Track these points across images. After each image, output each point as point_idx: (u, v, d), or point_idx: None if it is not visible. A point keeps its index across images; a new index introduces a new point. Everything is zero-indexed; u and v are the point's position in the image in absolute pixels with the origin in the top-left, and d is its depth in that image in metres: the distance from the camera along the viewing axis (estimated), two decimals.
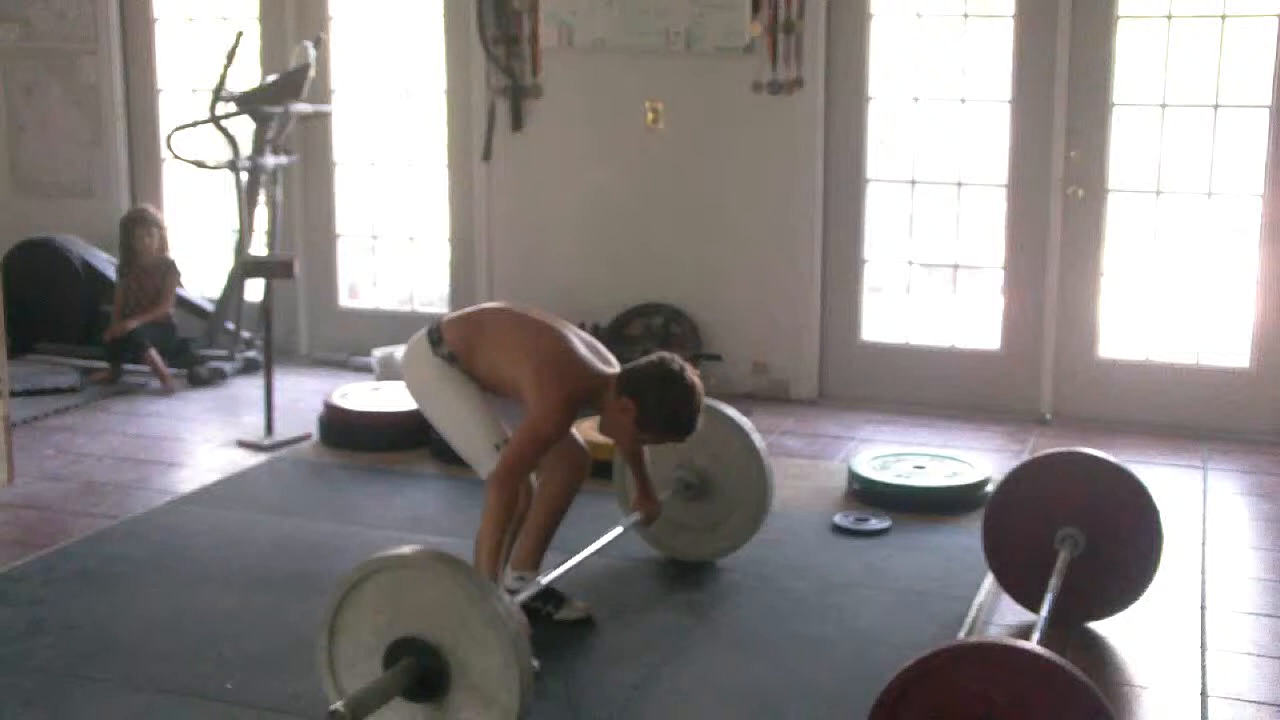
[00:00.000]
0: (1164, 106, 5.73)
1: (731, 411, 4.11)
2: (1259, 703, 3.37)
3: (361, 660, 2.90)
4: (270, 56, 6.85)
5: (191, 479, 5.10)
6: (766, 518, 4.13)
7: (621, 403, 3.47)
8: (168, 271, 6.68)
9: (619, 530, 3.85)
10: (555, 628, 3.71)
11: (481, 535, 3.43)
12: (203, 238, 7.37)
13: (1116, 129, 5.79)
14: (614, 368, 3.59)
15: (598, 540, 3.77)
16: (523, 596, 3.42)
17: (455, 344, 3.58)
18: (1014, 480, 3.82)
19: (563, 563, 3.64)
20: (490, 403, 3.61)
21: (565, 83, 6.34)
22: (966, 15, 5.96)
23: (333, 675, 2.93)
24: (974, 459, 5.02)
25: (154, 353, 6.46)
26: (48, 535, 4.45)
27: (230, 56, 6.30)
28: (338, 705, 2.71)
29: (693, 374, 3.51)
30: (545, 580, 3.55)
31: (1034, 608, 3.55)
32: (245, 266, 6.05)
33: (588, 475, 3.77)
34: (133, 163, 7.38)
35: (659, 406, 3.46)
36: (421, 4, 6.71)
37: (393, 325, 6.79)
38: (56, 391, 6.28)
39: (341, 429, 5.39)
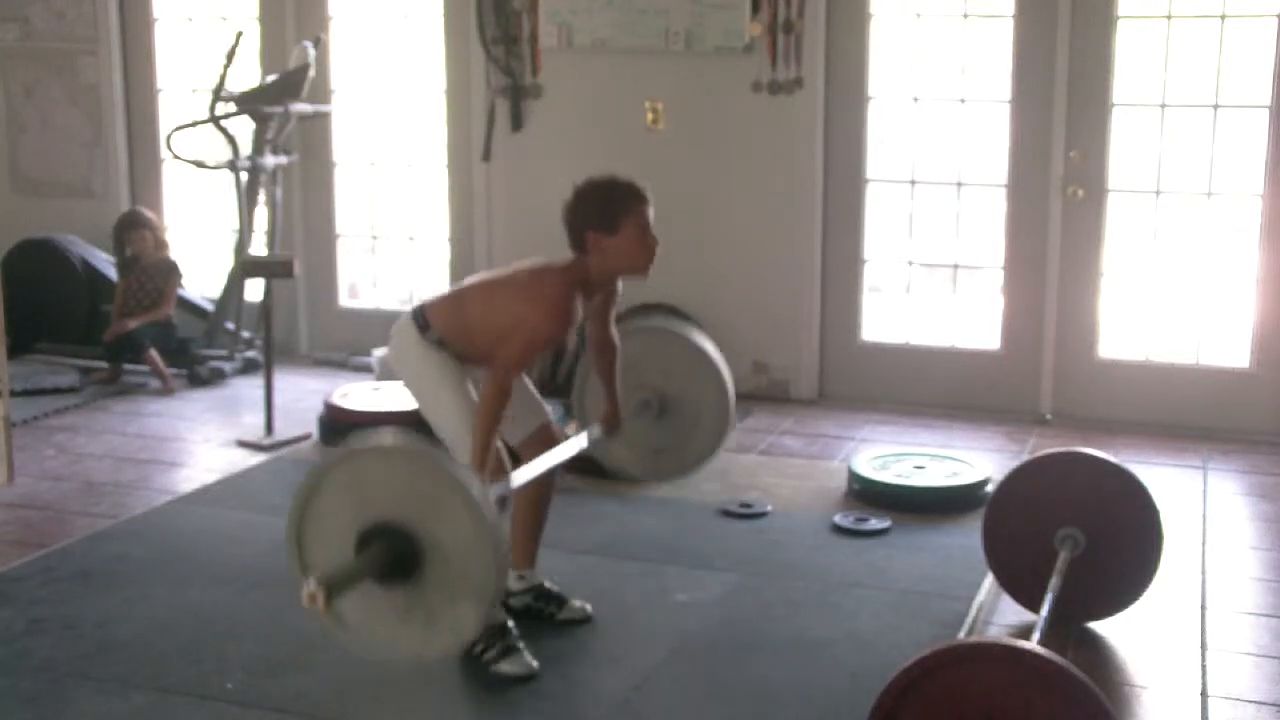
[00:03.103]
0: (1164, 106, 5.73)
1: (674, 324, 4.13)
2: (1259, 703, 3.38)
3: (334, 552, 2.85)
4: (270, 56, 6.85)
5: (191, 479, 5.10)
6: (733, 420, 3.99)
7: (591, 243, 3.42)
8: (170, 273, 6.68)
9: (583, 443, 3.75)
10: (555, 628, 3.71)
11: (474, 428, 3.37)
12: (203, 238, 7.37)
13: (1116, 129, 5.79)
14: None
15: (566, 451, 3.66)
16: (516, 595, 3.42)
17: (442, 325, 3.51)
18: (1014, 480, 3.82)
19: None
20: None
21: (565, 83, 6.34)
22: (966, 15, 5.96)
23: (304, 571, 2.86)
24: (974, 459, 5.02)
25: (154, 353, 6.46)
26: (48, 535, 4.45)
27: (230, 56, 6.30)
28: (310, 582, 2.70)
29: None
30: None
31: (1034, 608, 3.55)
32: (245, 266, 6.05)
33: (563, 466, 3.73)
34: (133, 163, 7.38)
35: (604, 202, 3.43)
36: (421, 4, 6.71)
37: (392, 325, 6.78)
38: (56, 391, 6.28)
39: (341, 429, 5.36)
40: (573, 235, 3.47)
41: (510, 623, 3.46)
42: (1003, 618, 3.87)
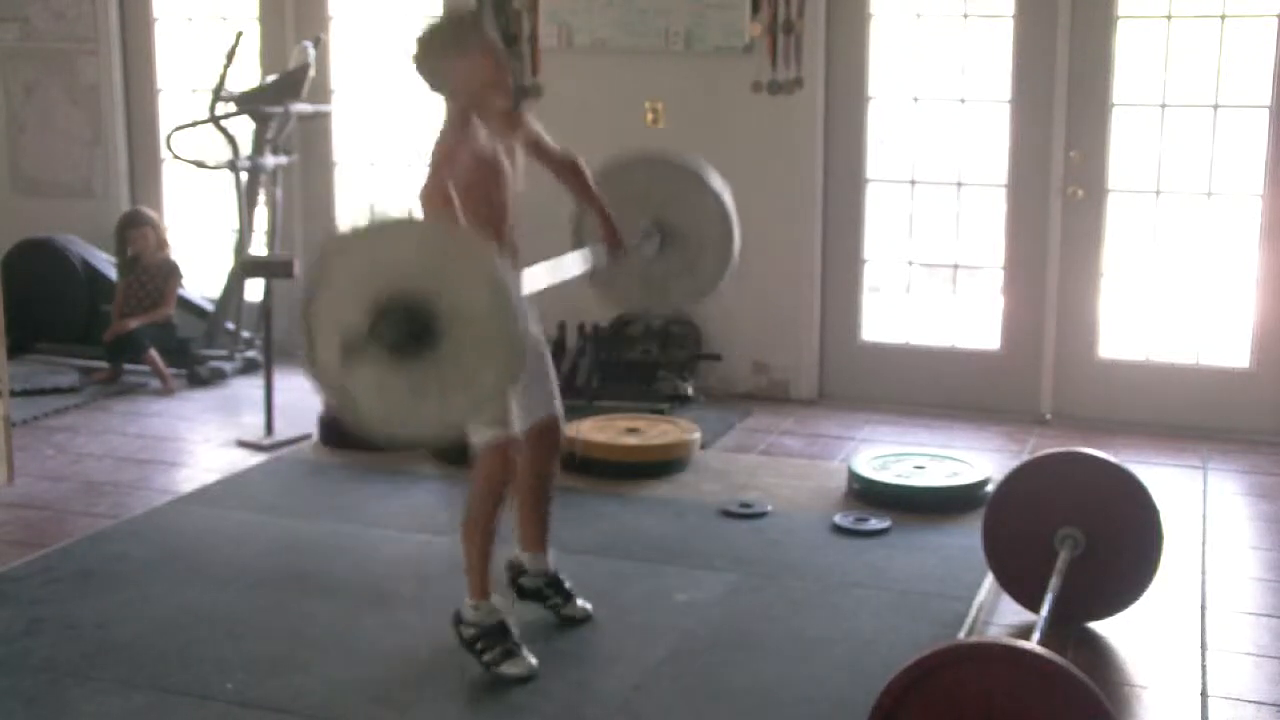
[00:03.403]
0: (1164, 106, 5.73)
1: (672, 154, 4.10)
2: (1259, 703, 3.37)
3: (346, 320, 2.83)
4: (270, 56, 6.85)
5: (191, 479, 5.10)
6: (737, 245, 3.95)
7: (446, 74, 3.38)
8: (170, 274, 6.68)
9: (588, 262, 3.71)
10: (556, 628, 3.72)
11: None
12: (203, 238, 7.37)
13: (1116, 129, 5.79)
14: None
15: (571, 268, 3.64)
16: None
17: None
18: (1014, 480, 3.82)
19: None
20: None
21: (565, 83, 6.34)
22: (966, 15, 5.96)
23: (314, 361, 2.85)
24: (974, 459, 5.02)
25: (154, 353, 6.46)
26: (48, 535, 4.45)
27: (230, 56, 6.30)
28: (329, 347, 2.72)
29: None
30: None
31: (1034, 608, 3.55)
32: (245, 266, 6.05)
33: (558, 456, 3.74)
34: (133, 163, 7.38)
35: (447, 30, 3.42)
36: (421, 4, 6.71)
37: None
38: (56, 391, 6.28)
39: (341, 429, 5.38)
40: (430, 78, 3.42)
41: (511, 621, 3.45)
42: (1003, 618, 3.87)
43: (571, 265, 3.64)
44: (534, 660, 3.41)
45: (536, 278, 3.37)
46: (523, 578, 3.80)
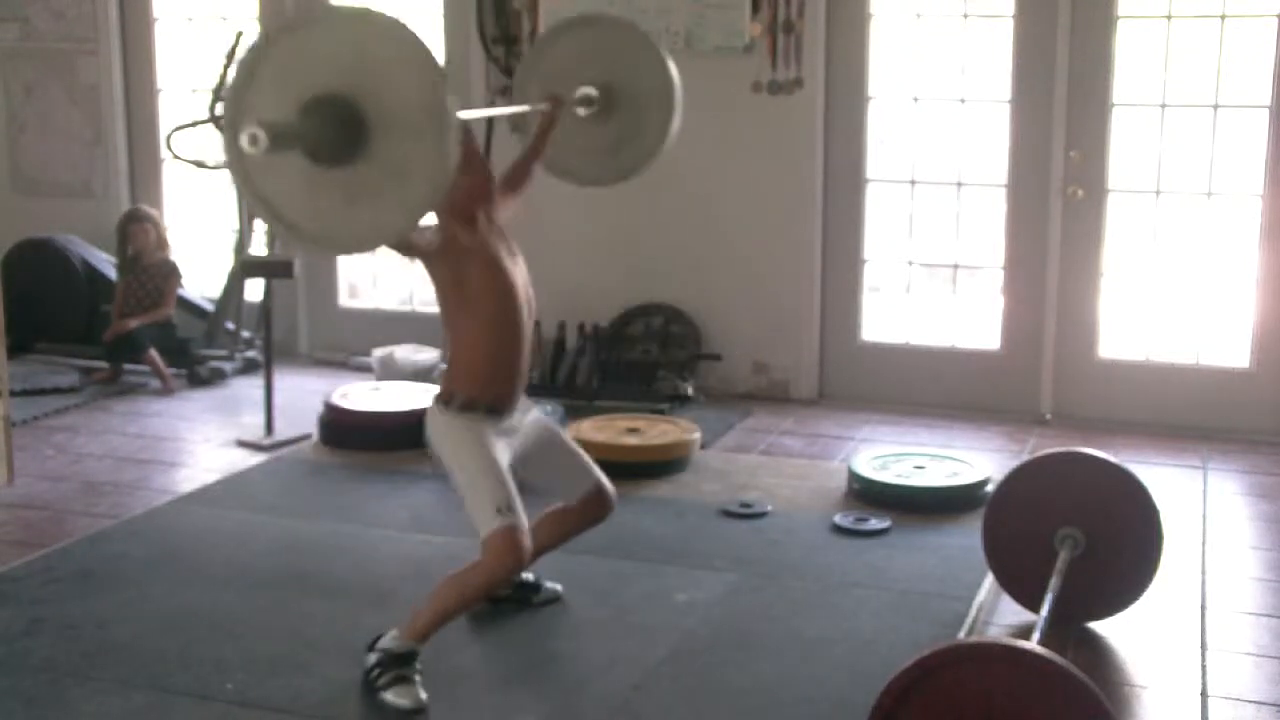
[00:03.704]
0: (1164, 106, 5.73)
1: (603, 14, 4.15)
2: (1259, 703, 3.37)
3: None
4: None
5: (191, 479, 5.10)
6: (679, 100, 3.95)
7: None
8: (169, 274, 6.68)
9: (526, 109, 3.79)
10: (555, 628, 3.73)
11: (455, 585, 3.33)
12: (203, 238, 7.37)
13: (1116, 129, 5.79)
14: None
15: (504, 110, 3.80)
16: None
17: (457, 383, 3.40)
18: (1014, 480, 3.82)
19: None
20: (508, 471, 3.41)
21: None
22: (966, 15, 5.96)
23: (235, 142, 2.76)
24: (974, 459, 5.02)
25: (154, 353, 6.46)
26: (48, 535, 4.45)
27: (230, 56, 6.29)
28: (255, 128, 2.62)
29: None
30: None
31: (1034, 608, 3.55)
32: (245, 266, 6.05)
33: (606, 519, 3.72)
34: (133, 163, 7.38)
35: None
36: (421, 4, 6.71)
37: (393, 325, 6.79)
38: (56, 391, 6.28)
39: (341, 429, 5.39)
40: None
41: (417, 653, 3.31)
42: (1003, 618, 3.87)
43: (511, 109, 3.72)
44: (424, 695, 3.25)
45: (475, 111, 3.39)
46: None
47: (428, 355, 6.40)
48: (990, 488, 4.45)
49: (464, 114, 3.06)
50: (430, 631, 3.32)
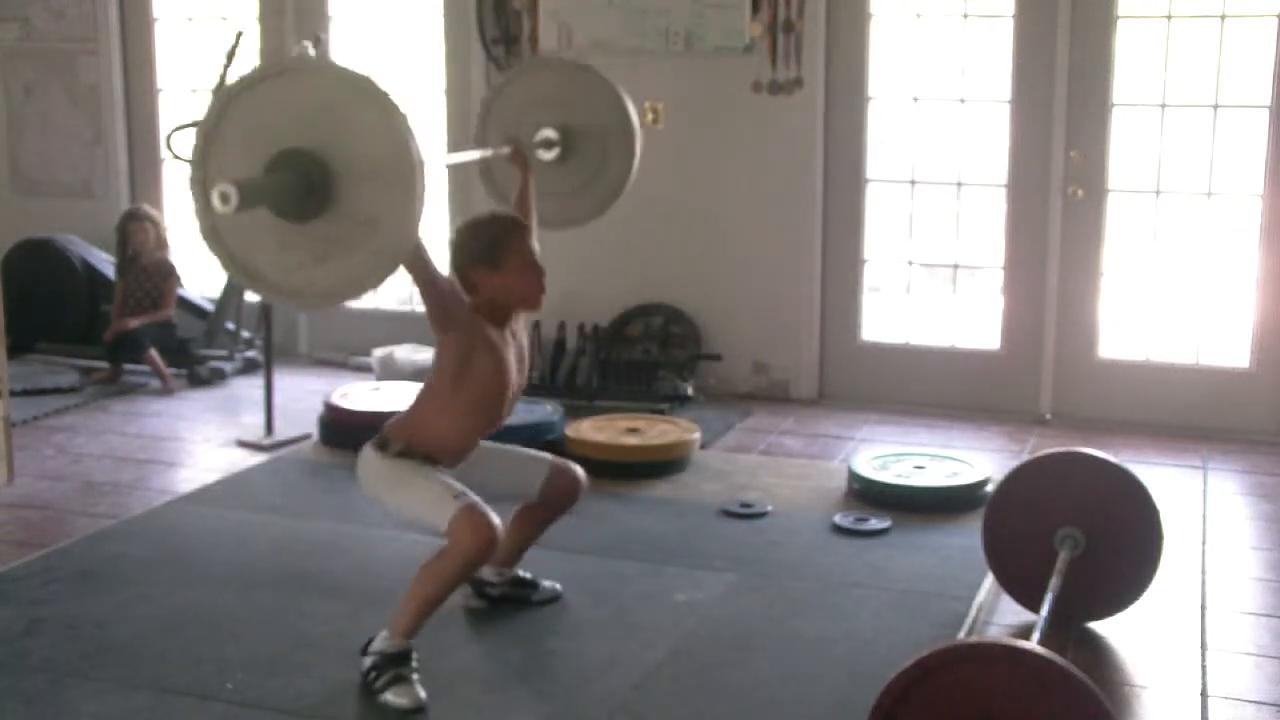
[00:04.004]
0: (1164, 106, 5.73)
1: (559, 60, 4.26)
2: (1259, 703, 3.37)
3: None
4: (270, 56, 6.84)
5: (191, 479, 5.10)
6: (639, 135, 4.07)
7: (480, 281, 3.40)
8: (168, 275, 6.68)
9: (488, 153, 3.90)
10: (555, 628, 3.72)
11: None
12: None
13: (1116, 129, 5.79)
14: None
15: (467, 156, 3.91)
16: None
17: (402, 434, 3.43)
18: (1014, 480, 3.82)
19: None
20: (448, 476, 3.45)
21: None
22: (966, 15, 5.96)
23: (204, 195, 2.79)
24: (974, 459, 5.02)
25: (154, 353, 6.46)
26: (48, 535, 4.45)
27: (230, 56, 6.30)
28: (226, 186, 2.65)
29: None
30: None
31: (1034, 608, 3.55)
32: None
33: (579, 498, 3.76)
34: (133, 163, 7.38)
35: (485, 240, 3.41)
36: (421, 4, 6.71)
37: (393, 325, 6.79)
38: (56, 391, 6.28)
39: (341, 429, 5.38)
40: (460, 277, 3.44)
41: (412, 652, 3.31)
42: (1003, 618, 3.87)
43: (473, 153, 3.84)
44: (423, 694, 3.26)
45: (450, 156, 3.47)
46: (488, 588, 3.82)
47: (428, 355, 6.39)
48: (990, 488, 4.45)
49: (435, 159, 3.11)
50: (417, 624, 3.31)
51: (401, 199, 2.76)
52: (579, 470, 3.77)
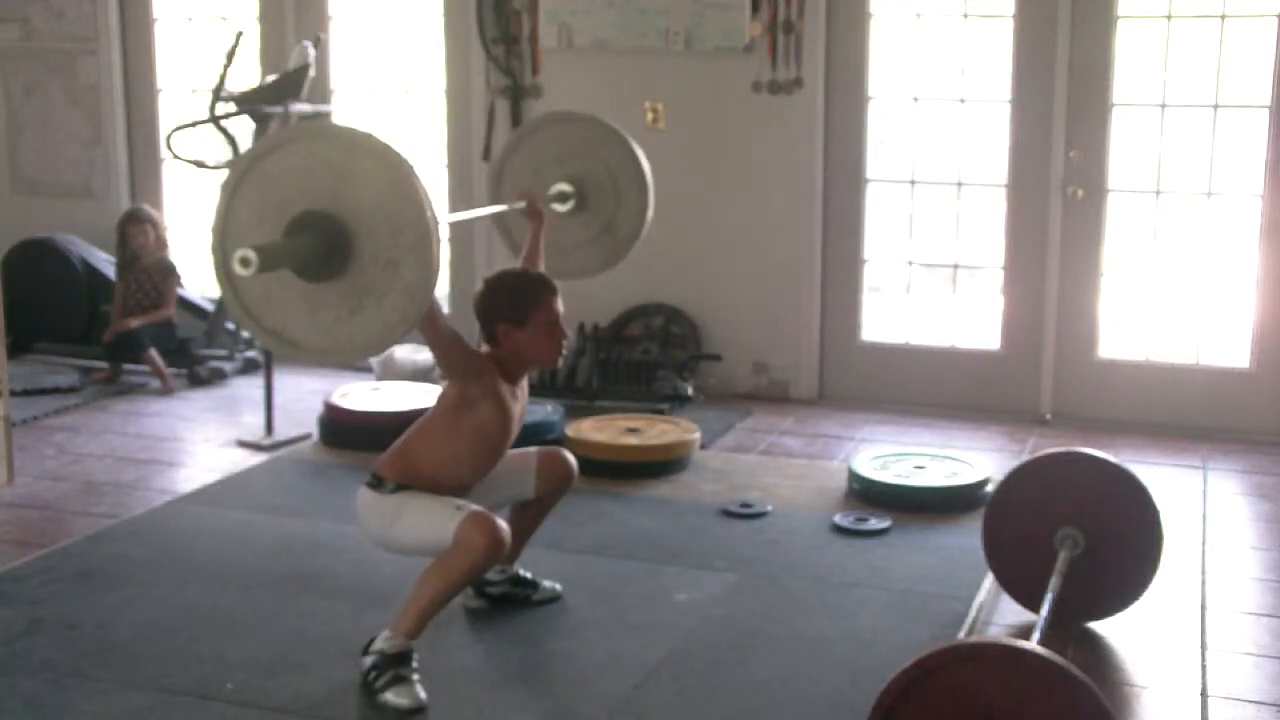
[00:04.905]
0: (1164, 106, 5.73)
1: (568, 113, 4.34)
2: (1259, 703, 3.38)
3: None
4: (270, 56, 6.85)
5: (191, 479, 5.10)
6: (651, 186, 4.18)
7: (501, 335, 3.43)
8: (168, 275, 6.68)
9: (502, 207, 4.04)
10: (555, 628, 3.72)
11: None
12: (203, 238, 7.34)
13: (1116, 129, 5.79)
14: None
15: (481, 212, 4.10)
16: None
17: (396, 473, 3.42)
18: (1014, 480, 3.82)
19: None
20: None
21: (565, 83, 6.34)
22: (966, 15, 5.96)
23: (225, 263, 2.95)
24: (974, 459, 5.02)
25: (154, 353, 6.46)
26: (48, 535, 4.45)
27: (230, 56, 6.29)
28: (245, 250, 2.77)
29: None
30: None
31: (1034, 608, 3.55)
32: None
33: (571, 483, 3.77)
34: (133, 163, 7.38)
35: (514, 295, 3.44)
36: (421, 4, 6.71)
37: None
38: (56, 391, 6.28)
39: (341, 429, 5.39)
40: (484, 327, 3.47)
41: (413, 652, 3.31)
42: (1003, 618, 3.87)
43: (488, 209, 3.97)
44: (423, 694, 3.25)
45: (457, 215, 3.55)
46: (488, 587, 3.81)
47: (428, 355, 6.39)
48: (990, 488, 4.46)
49: (447, 218, 3.24)
50: (421, 625, 3.31)
51: (415, 232, 2.84)
52: (567, 455, 3.78)
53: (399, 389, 5.70)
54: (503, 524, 3.32)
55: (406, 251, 2.87)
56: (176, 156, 6.62)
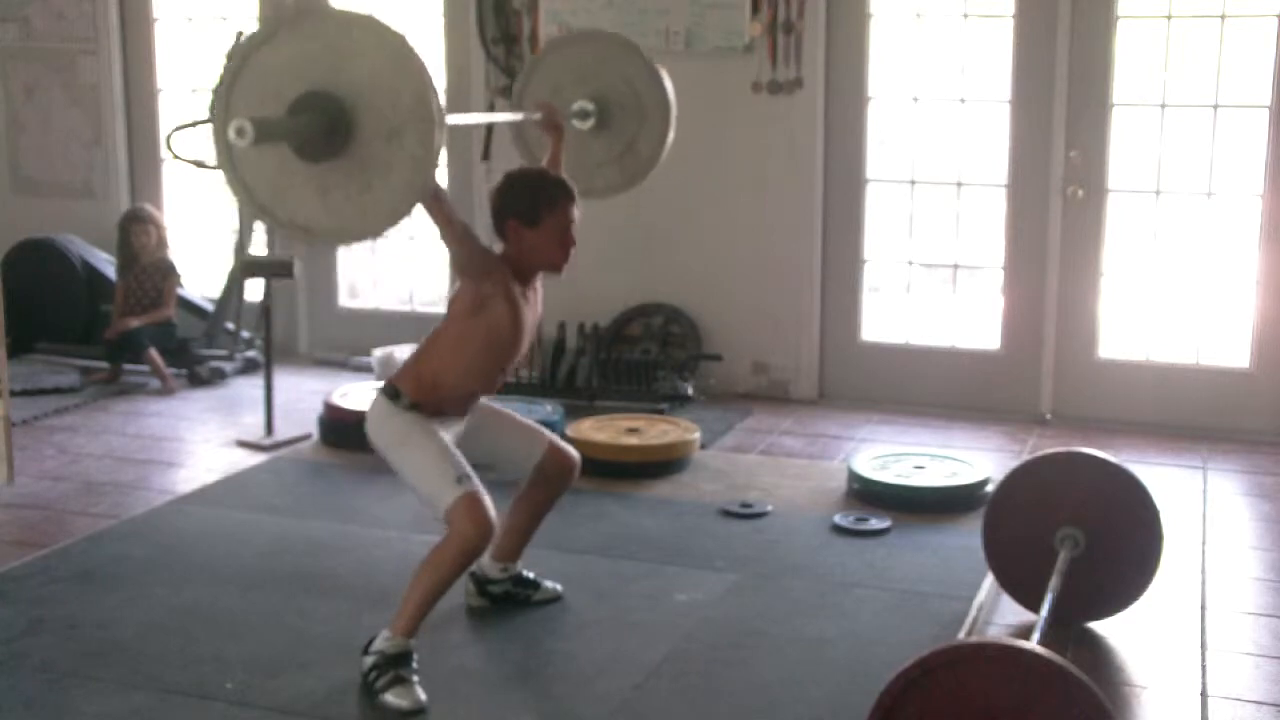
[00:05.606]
0: (1164, 106, 5.73)
1: (590, 32, 4.37)
2: (1259, 703, 3.38)
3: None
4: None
5: (191, 479, 5.10)
6: (674, 107, 4.13)
7: (511, 232, 3.42)
8: (167, 274, 6.68)
9: (519, 119, 3.99)
10: (555, 628, 3.72)
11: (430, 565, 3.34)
12: (203, 238, 7.37)
13: (1116, 129, 5.79)
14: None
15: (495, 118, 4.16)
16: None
17: (410, 387, 3.42)
18: (1014, 480, 3.82)
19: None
20: (454, 448, 3.44)
21: None
22: (966, 15, 5.96)
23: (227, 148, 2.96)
24: (974, 459, 5.02)
25: (154, 353, 6.46)
26: (48, 535, 4.45)
27: (230, 57, 6.29)
28: (241, 120, 2.80)
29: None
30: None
31: (1034, 608, 3.55)
32: (245, 266, 6.05)
33: (574, 477, 3.77)
34: (133, 163, 7.38)
35: (530, 194, 3.42)
36: (421, 4, 6.71)
37: (393, 325, 6.79)
38: (56, 391, 6.28)
39: (341, 429, 5.38)
40: (496, 221, 3.46)
41: (413, 653, 3.31)
42: (1003, 618, 3.87)
43: (506, 115, 3.95)
44: (423, 695, 3.25)
45: (465, 117, 3.55)
46: (491, 586, 3.82)
47: None
48: (990, 488, 4.45)
49: (455, 118, 3.15)
50: (418, 620, 3.31)
51: (416, 101, 2.83)
52: (574, 452, 3.77)
53: None
54: (492, 511, 3.30)
55: (408, 119, 2.85)
56: (176, 156, 6.61)
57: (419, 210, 3.05)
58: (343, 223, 2.96)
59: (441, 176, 6.77)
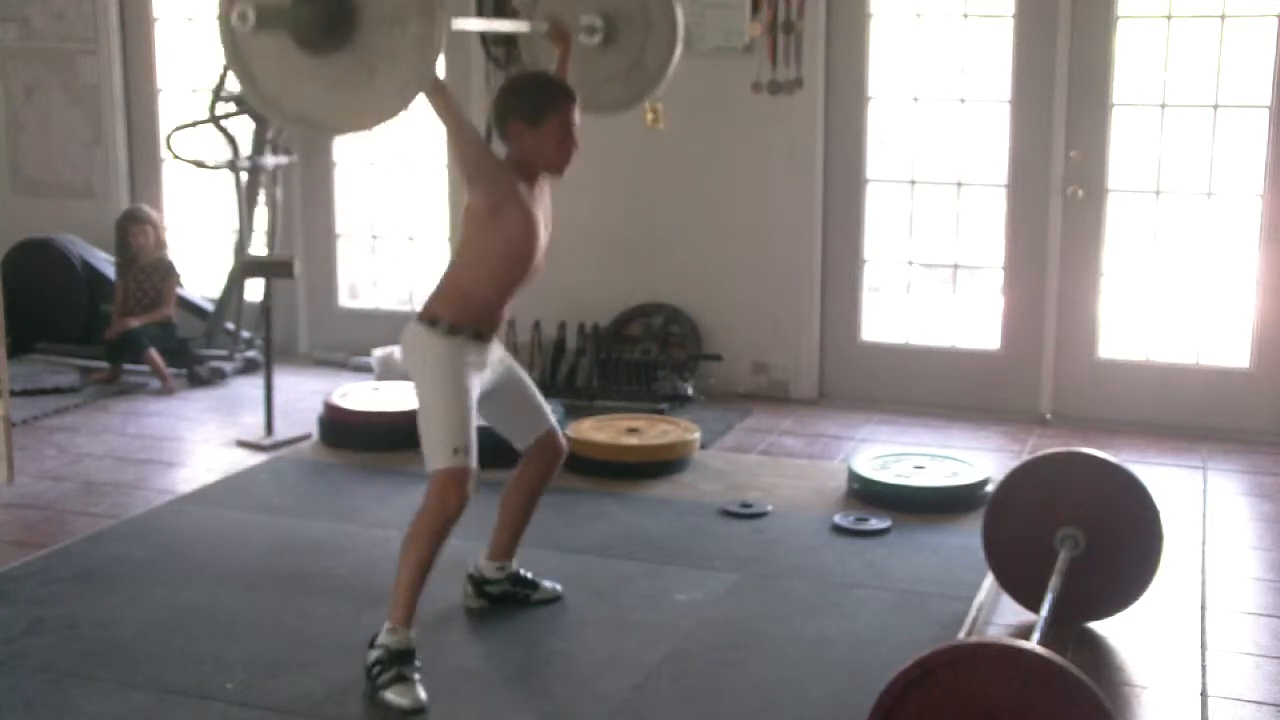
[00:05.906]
0: (1164, 106, 5.73)
1: None
2: (1259, 703, 3.38)
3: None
4: None
5: (191, 479, 5.10)
6: (681, 22, 4.09)
7: (513, 132, 3.43)
8: (167, 274, 6.68)
9: (526, 29, 3.97)
10: (555, 628, 3.72)
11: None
12: (203, 238, 7.37)
13: (1116, 129, 5.79)
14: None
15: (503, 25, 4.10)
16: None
17: (446, 310, 3.43)
18: (1014, 480, 3.82)
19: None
20: (474, 408, 3.47)
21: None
22: (966, 15, 5.96)
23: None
24: (974, 459, 5.02)
25: (154, 353, 6.46)
26: (48, 535, 4.45)
27: None
28: (244, 5, 2.90)
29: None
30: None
31: (1034, 608, 3.55)
32: (245, 266, 6.05)
33: (560, 464, 3.78)
34: (133, 163, 7.38)
35: (532, 94, 3.44)
36: None
37: (393, 325, 6.73)
38: (56, 391, 6.28)
39: (341, 429, 5.39)
40: (499, 124, 3.48)
41: (415, 652, 3.32)
42: (1003, 618, 3.87)
43: (514, 24, 3.90)
44: (424, 695, 3.26)
45: (471, 21, 3.53)
46: (488, 586, 3.82)
47: None
48: (990, 488, 4.45)
49: (460, 22, 3.17)
50: (412, 603, 3.33)
51: (420, 39, 2.88)
52: (564, 440, 3.80)
53: (399, 389, 5.70)
54: (471, 486, 3.34)
55: (409, 4, 2.89)
56: (176, 156, 6.64)
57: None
58: (349, 112, 3.01)
59: (442, 177, 6.78)
